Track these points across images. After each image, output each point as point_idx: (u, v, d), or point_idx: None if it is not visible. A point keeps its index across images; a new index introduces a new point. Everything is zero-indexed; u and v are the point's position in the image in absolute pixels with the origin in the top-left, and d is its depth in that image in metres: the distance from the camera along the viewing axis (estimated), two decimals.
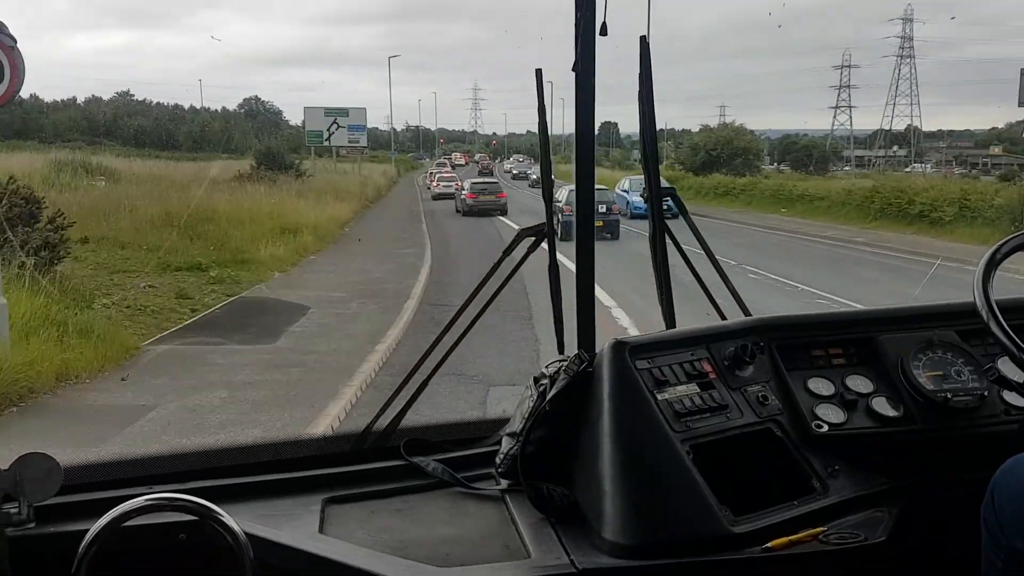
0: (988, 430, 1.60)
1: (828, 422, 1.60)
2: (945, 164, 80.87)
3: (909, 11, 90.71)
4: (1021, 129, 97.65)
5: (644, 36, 1.81)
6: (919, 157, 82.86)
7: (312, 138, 36.81)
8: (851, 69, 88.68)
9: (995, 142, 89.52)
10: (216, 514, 1.24)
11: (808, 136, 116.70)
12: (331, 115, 36.94)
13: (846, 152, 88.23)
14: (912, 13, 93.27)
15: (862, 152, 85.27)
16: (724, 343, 1.65)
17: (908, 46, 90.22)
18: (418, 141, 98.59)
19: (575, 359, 1.60)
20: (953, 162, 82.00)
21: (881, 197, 23.70)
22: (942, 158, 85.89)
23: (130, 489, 1.51)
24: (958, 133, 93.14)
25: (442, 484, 1.70)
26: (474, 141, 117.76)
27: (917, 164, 79.19)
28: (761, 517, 1.45)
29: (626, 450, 1.48)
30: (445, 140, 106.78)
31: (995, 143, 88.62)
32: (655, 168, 1.88)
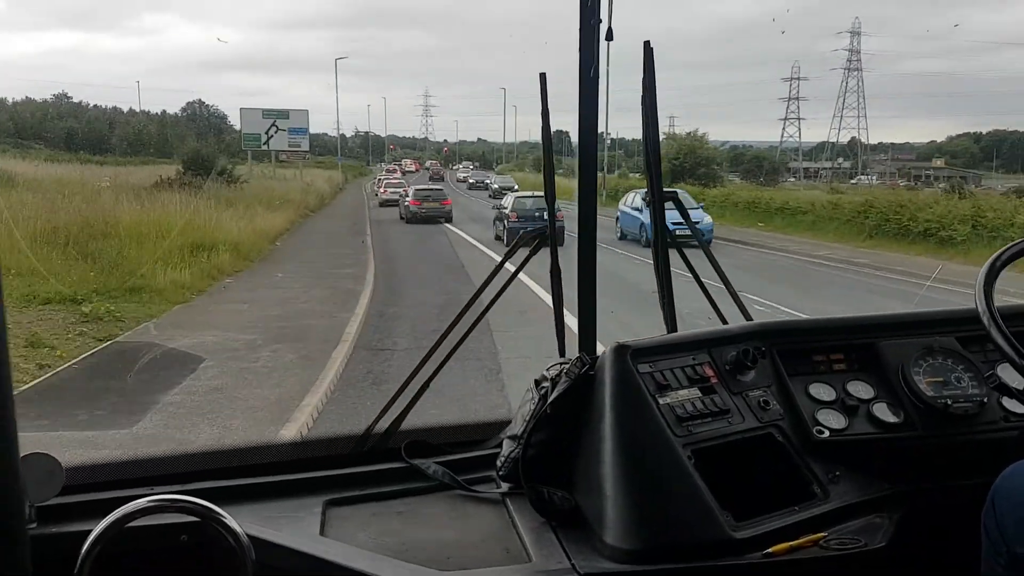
0: (988, 436, 1.60)
1: (829, 428, 1.60)
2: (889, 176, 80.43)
3: (857, 24, 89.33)
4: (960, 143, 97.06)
5: (648, 41, 1.81)
6: (863, 169, 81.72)
7: (249, 142, 33.43)
8: (800, 81, 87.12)
9: (936, 155, 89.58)
10: (218, 515, 1.24)
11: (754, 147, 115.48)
12: (270, 117, 33.60)
13: (793, 163, 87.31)
14: (860, 26, 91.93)
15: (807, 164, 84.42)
16: (726, 347, 1.67)
17: (856, 59, 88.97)
18: (368, 147, 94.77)
19: (576, 362, 1.61)
20: (896, 174, 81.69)
21: (877, 212, 21.77)
22: (885, 170, 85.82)
23: (132, 490, 1.53)
24: (899, 146, 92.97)
25: (443, 487, 1.70)
26: (425, 148, 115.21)
27: (863, 176, 78.51)
28: (762, 522, 1.45)
29: (627, 454, 1.48)
30: (395, 147, 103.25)
31: (936, 156, 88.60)
32: (657, 172, 1.89)
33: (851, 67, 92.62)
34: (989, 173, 79.30)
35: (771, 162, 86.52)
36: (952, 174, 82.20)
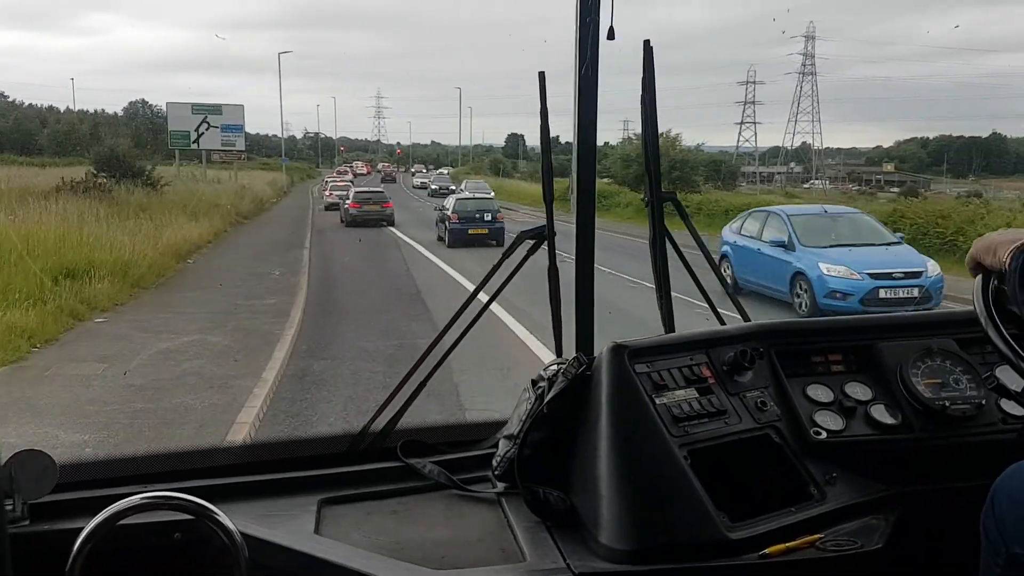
0: (985, 438, 1.62)
1: (826, 429, 1.62)
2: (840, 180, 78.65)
3: (811, 28, 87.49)
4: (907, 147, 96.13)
5: (647, 40, 1.82)
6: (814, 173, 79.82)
7: (177, 140, 29.23)
8: (756, 85, 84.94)
9: (885, 159, 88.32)
10: (212, 513, 1.25)
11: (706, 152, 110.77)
12: (200, 112, 29.54)
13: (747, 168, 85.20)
14: (814, 31, 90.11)
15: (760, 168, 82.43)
16: (723, 348, 1.69)
17: (810, 63, 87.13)
18: (317, 149, 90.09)
19: (573, 362, 1.63)
20: (846, 178, 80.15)
21: (911, 223, 18.10)
22: (836, 174, 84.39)
23: (126, 487, 1.52)
24: (845, 151, 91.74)
25: (438, 486, 1.71)
26: (378, 150, 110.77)
27: (817, 181, 76.44)
28: (758, 523, 1.47)
29: (624, 454, 1.50)
30: (346, 148, 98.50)
31: (885, 160, 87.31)
32: (656, 173, 1.92)
33: (805, 71, 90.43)
34: (938, 177, 78.41)
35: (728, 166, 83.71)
36: (903, 178, 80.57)
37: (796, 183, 76.83)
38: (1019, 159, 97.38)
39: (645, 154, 1.94)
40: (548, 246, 1.83)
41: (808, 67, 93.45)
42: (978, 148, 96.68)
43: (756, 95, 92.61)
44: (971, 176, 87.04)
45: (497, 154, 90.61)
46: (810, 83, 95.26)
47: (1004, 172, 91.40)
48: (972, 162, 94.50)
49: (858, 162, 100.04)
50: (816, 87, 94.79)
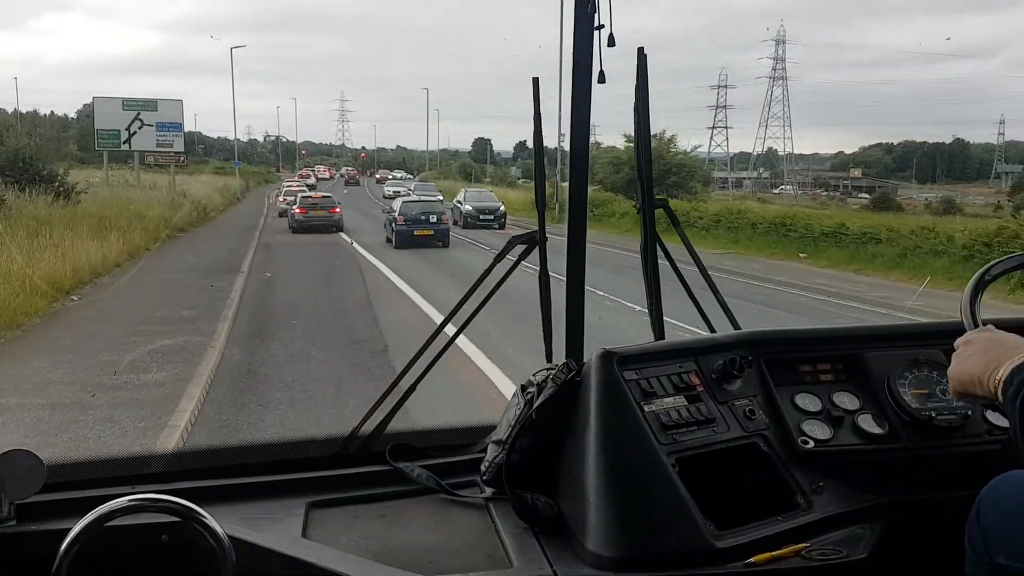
0: (971, 449, 1.61)
1: (814, 438, 1.61)
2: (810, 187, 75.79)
3: (782, 32, 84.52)
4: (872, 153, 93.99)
5: (641, 48, 1.80)
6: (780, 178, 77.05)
7: (105, 140, 24.60)
8: (727, 89, 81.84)
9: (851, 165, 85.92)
10: (199, 515, 1.24)
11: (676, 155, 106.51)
12: (132, 108, 25.08)
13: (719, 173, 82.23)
14: (784, 34, 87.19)
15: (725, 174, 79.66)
16: (713, 356, 1.67)
17: (780, 68, 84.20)
18: (278, 152, 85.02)
19: (563, 368, 1.61)
20: (812, 184, 77.51)
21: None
22: (803, 180, 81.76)
23: (113, 488, 1.51)
24: (808, 157, 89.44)
25: (426, 491, 1.69)
26: (342, 155, 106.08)
27: (787, 186, 73.53)
28: (745, 532, 1.46)
29: (611, 461, 1.48)
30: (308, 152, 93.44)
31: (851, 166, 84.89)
32: (648, 179, 1.89)
33: (776, 75, 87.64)
34: (904, 183, 76.18)
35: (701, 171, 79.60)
36: (871, 184, 77.47)
37: (765, 188, 73.98)
38: (982, 164, 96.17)
39: (637, 160, 1.92)
40: (540, 251, 1.81)
41: (779, 71, 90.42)
42: (941, 154, 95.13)
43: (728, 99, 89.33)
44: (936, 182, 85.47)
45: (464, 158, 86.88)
46: (781, 87, 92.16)
47: (967, 178, 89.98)
48: (936, 167, 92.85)
49: (823, 168, 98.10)
50: (787, 91, 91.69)
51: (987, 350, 1.26)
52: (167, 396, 6.69)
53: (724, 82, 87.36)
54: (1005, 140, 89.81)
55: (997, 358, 1.22)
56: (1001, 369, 1.20)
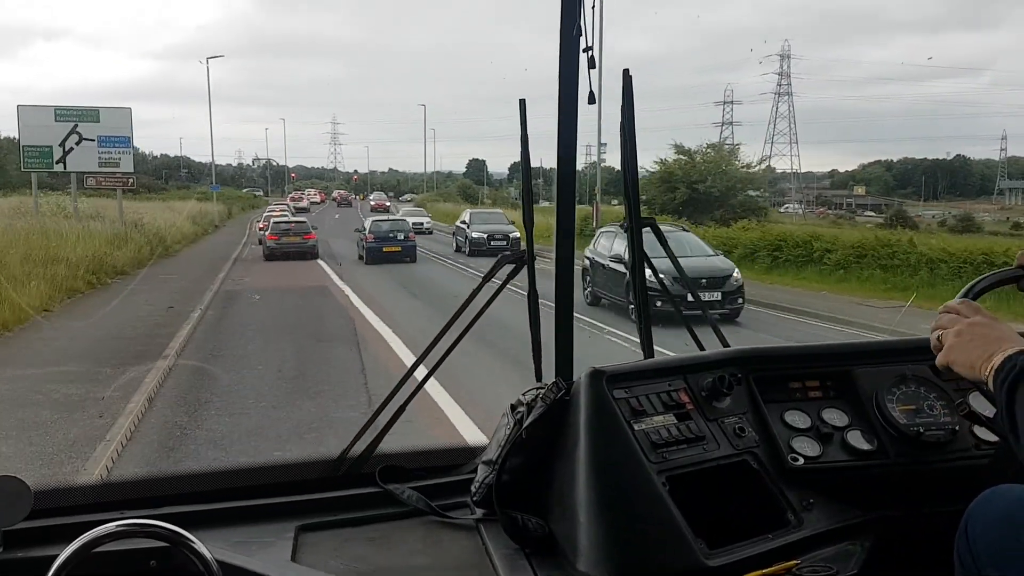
0: (959, 464, 1.59)
1: (804, 455, 1.58)
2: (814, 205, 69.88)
3: (786, 48, 79.00)
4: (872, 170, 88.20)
5: (627, 69, 1.76)
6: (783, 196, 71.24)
7: (34, 159, 18.59)
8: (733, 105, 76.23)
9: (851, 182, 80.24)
10: (188, 540, 1.20)
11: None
12: (67, 119, 18.94)
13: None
14: (789, 49, 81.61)
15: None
16: (702, 374, 1.65)
17: (786, 83, 78.58)
18: (267, 176, 79.10)
19: (552, 387, 1.58)
20: (815, 201, 71.73)
21: None
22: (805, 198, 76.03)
23: (101, 514, 1.48)
24: (802, 175, 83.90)
25: (417, 512, 1.65)
26: (335, 178, 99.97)
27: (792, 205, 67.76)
28: (736, 550, 1.43)
29: (602, 480, 1.46)
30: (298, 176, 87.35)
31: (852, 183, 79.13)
32: (636, 198, 1.87)
33: (781, 91, 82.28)
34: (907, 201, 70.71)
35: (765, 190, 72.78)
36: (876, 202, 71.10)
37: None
38: (984, 181, 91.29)
39: (624, 181, 1.87)
40: (528, 270, 1.77)
41: (784, 87, 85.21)
42: (942, 170, 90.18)
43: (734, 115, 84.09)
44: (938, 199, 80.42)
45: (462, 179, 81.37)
46: (786, 103, 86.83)
47: (969, 194, 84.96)
48: (937, 184, 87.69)
49: (823, 185, 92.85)
50: (793, 107, 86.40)
51: (984, 337, 1.28)
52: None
53: (730, 98, 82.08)
54: (1007, 156, 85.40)
55: (992, 346, 1.25)
56: (995, 357, 1.23)
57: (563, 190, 1.72)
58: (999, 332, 1.26)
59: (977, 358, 1.24)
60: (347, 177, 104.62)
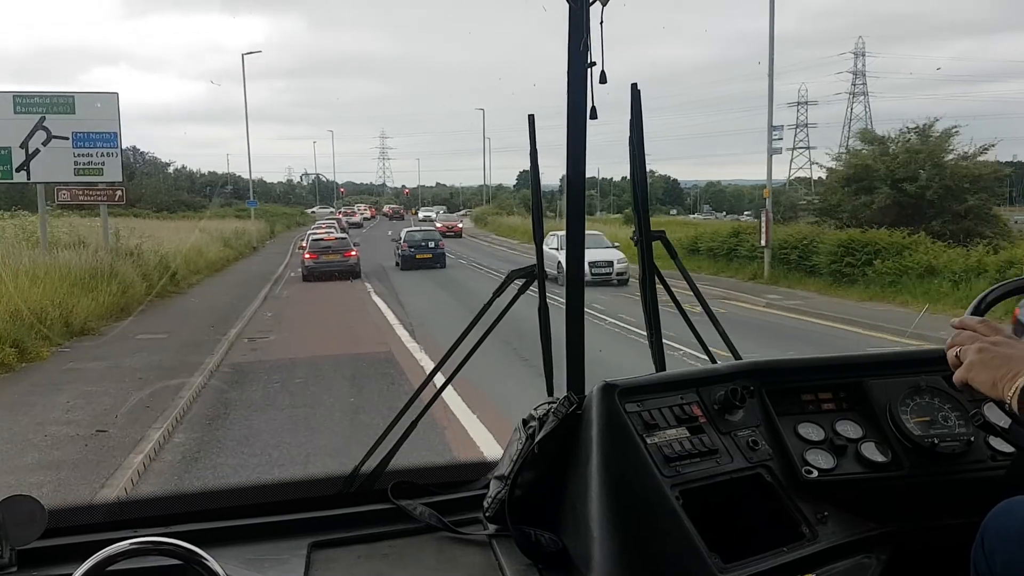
0: (975, 475, 1.54)
1: (818, 468, 1.53)
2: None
3: (860, 45, 70.03)
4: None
5: (635, 84, 1.73)
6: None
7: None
8: (808, 106, 67.41)
9: None
10: (201, 558, 1.15)
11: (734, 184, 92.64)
12: (31, 111, 11.56)
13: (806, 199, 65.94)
14: (864, 47, 72.40)
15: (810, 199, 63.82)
16: (714, 387, 1.59)
17: (860, 83, 69.31)
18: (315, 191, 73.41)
19: (564, 401, 1.54)
20: None
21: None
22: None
23: (115, 532, 1.45)
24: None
25: (429, 528, 1.61)
26: (383, 193, 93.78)
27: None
28: (750, 564, 1.38)
29: (615, 495, 1.41)
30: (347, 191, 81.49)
31: None
32: (645, 211, 1.82)
33: (855, 91, 73.15)
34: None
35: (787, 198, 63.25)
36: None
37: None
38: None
39: (634, 195, 1.83)
40: (538, 284, 1.75)
41: (859, 86, 75.92)
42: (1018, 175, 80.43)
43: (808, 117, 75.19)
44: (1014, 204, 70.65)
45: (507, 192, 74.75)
46: (862, 104, 77.40)
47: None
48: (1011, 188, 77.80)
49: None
50: (869, 108, 77.08)
51: (1007, 357, 1.24)
52: None
53: (804, 97, 73.61)
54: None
55: (1016, 366, 1.21)
56: (1019, 378, 1.19)
57: (572, 203, 1.68)
58: (1021, 352, 1.24)
59: (1001, 377, 1.21)
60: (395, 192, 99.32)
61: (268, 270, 24.05)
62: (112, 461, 6.00)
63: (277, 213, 52.94)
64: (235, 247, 28.41)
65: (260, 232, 36.36)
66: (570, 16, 1.57)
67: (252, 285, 19.34)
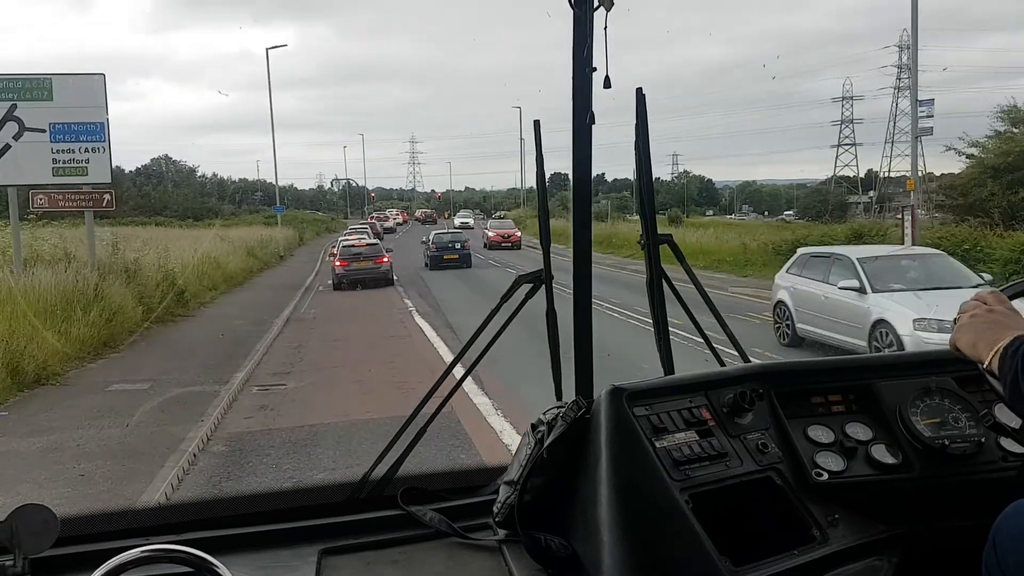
0: (986, 476, 1.50)
1: (828, 470, 1.50)
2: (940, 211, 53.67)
3: (905, 38, 65.64)
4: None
5: (640, 88, 1.71)
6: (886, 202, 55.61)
7: None
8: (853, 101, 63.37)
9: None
10: (212, 566, 1.13)
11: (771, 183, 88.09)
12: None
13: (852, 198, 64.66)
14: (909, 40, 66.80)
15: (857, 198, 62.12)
16: (723, 390, 1.56)
17: (906, 76, 64.72)
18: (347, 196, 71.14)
19: (573, 405, 1.51)
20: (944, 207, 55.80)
21: None
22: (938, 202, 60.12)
23: (126, 540, 1.42)
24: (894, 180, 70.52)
25: (439, 534, 1.58)
26: (413, 198, 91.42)
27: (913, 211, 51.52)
28: (761, 567, 1.35)
29: (624, 499, 1.37)
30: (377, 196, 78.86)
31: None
32: (652, 215, 1.78)
33: (901, 86, 68.93)
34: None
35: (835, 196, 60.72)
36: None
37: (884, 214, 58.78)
38: None
39: (640, 198, 1.81)
40: (546, 289, 1.69)
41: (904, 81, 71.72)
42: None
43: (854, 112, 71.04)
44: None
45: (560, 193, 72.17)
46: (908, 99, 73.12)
47: None
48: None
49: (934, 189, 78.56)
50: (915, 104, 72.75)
51: (996, 323, 1.26)
52: None
53: (849, 92, 69.39)
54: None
55: (1002, 332, 1.23)
56: (1001, 342, 1.21)
57: (579, 207, 1.66)
58: (1014, 321, 1.24)
59: (982, 339, 1.23)
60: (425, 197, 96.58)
61: (294, 282, 22.16)
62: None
63: (307, 220, 50.74)
64: (260, 257, 25.80)
65: (288, 240, 33.82)
66: (574, 22, 1.55)
67: (274, 304, 16.52)
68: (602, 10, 1.52)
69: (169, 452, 6.48)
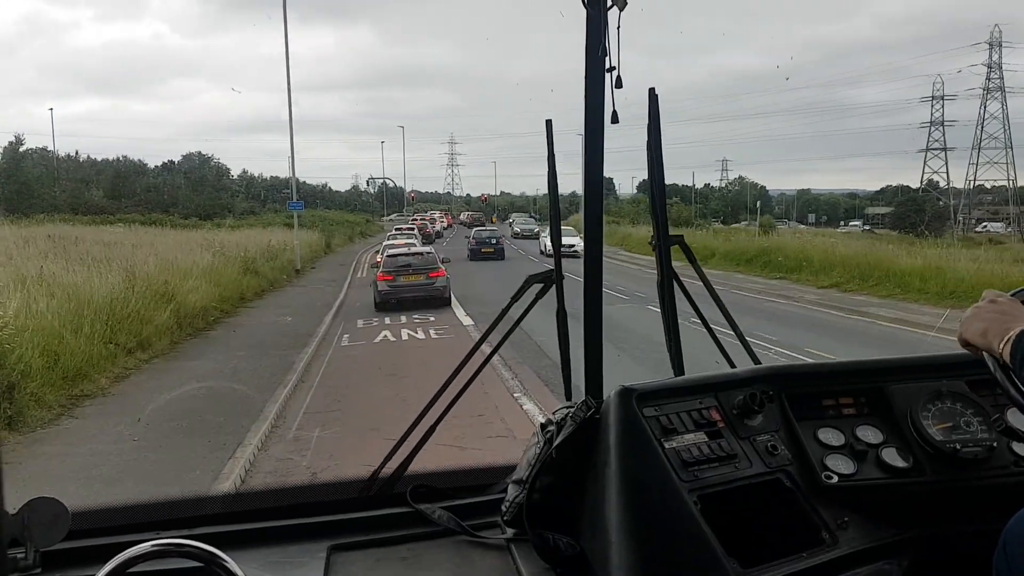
0: (997, 481, 1.47)
1: (838, 473, 1.47)
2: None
3: (997, 35, 55.59)
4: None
5: (652, 88, 1.68)
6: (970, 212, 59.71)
7: None
8: (944, 101, 53.40)
9: None
10: (221, 560, 1.12)
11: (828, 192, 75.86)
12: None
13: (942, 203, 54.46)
14: (1000, 37, 57.50)
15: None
16: (733, 391, 1.53)
17: (996, 77, 54.78)
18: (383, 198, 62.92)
19: (582, 406, 1.49)
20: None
21: None
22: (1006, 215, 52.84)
23: (137, 535, 1.41)
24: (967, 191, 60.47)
25: (448, 532, 1.56)
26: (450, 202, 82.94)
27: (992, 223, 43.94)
28: (770, 569, 1.33)
29: (633, 499, 1.36)
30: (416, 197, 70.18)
31: None
32: (663, 216, 1.75)
33: (990, 87, 58.28)
34: None
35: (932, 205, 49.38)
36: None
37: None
38: None
39: (652, 199, 1.76)
40: (556, 289, 1.67)
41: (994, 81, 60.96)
42: None
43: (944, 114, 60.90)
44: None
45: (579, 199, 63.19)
46: (998, 101, 62.26)
47: None
48: None
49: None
50: (1005, 105, 62.06)
51: (1004, 314, 1.26)
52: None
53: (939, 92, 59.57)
54: None
55: (1010, 323, 1.22)
56: (1013, 331, 1.21)
57: (591, 206, 1.63)
58: (1020, 313, 1.24)
59: (992, 329, 1.22)
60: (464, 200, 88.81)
61: (303, 325, 12.47)
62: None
63: (337, 221, 42.27)
64: (264, 273, 17.46)
65: (311, 246, 25.84)
66: (587, 22, 1.54)
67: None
68: (615, 9, 1.51)
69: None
